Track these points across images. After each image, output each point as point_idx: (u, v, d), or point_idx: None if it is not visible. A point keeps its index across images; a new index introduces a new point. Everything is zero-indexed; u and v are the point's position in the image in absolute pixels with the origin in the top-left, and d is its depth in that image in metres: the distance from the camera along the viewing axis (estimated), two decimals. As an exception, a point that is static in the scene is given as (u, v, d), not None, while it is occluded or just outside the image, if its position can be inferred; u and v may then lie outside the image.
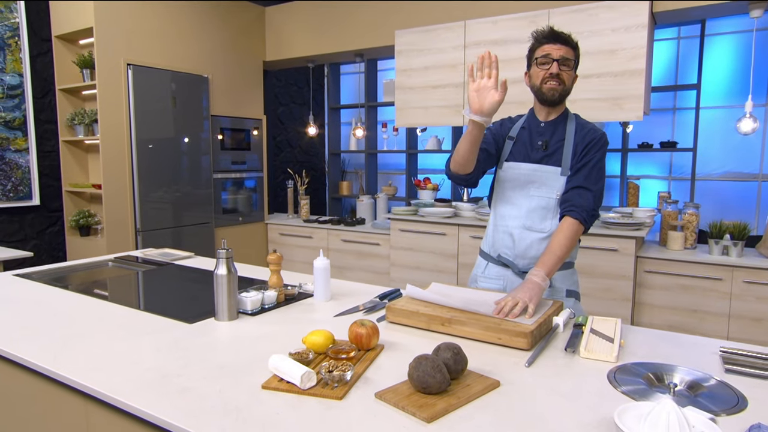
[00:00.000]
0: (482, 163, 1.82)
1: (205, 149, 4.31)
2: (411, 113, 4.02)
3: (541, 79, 1.75)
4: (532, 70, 1.80)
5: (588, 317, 1.56)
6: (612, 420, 1.02)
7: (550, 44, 1.74)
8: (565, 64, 1.73)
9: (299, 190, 5.01)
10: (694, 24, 3.82)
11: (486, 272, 1.92)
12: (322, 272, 1.85)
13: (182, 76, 4.09)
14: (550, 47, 1.74)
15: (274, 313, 1.72)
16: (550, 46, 1.74)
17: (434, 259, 3.89)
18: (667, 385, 1.20)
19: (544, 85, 1.75)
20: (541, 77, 1.75)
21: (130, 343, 1.44)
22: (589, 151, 1.75)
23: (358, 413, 1.06)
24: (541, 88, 1.76)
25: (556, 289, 1.81)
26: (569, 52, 1.74)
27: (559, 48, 1.73)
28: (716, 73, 4.11)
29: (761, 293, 2.89)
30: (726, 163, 4.14)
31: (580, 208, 1.70)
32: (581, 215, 1.70)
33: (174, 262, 2.48)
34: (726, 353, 1.35)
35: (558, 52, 1.72)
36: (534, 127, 1.84)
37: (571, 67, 1.76)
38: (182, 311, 1.73)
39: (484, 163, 1.83)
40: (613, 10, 3.14)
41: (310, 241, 4.60)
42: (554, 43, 1.74)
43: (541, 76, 1.75)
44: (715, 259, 3.01)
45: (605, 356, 1.33)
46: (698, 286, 3.04)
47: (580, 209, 1.70)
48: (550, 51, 1.73)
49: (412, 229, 3.97)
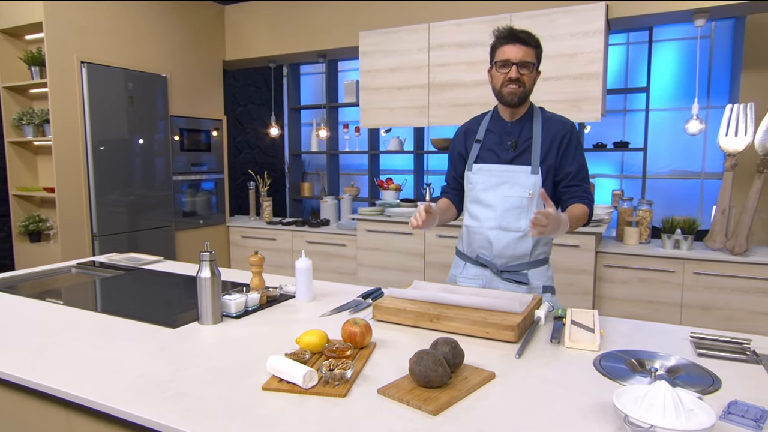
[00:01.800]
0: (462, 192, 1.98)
1: (164, 150, 4.18)
2: (376, 114, 4.04)
3: (501, 82, 1.77)
4: (493, 72, 1.81)
5: (567, 309, 1.63)
6: (607, 404, 1.08)
7: (510, 45, 1.74)
8: (525, 67, 1.74)
9: (261, 192, 4.94)
10: (642, 30, 4.03)
11: (465, 272, 1.95)
12: (305, 273, 1.85)
13: (139, 74, 3.96)
14: (509, 49, 1.74)
15: (258, 315, 1.71)
16: (510, 48, 1.74)
17: (401, 258, 3.93)
18: (649, 370, 1.28)
19: (504, 88, 1.77)
20: (501, 81, 1.77)
21: (113, 350, 1.39)
22: (568, 147, 1.81)
23: (364, 410, 1.07)
24: (501, 92, 1.79)
25: (533, 286, 1.86)
26: (528, 53, 1.74)
27: (518, 50, 1.73)
28: (663, 77, 4.35)
29: (709, 283, 3.08)
30: (672, 162, 4.39)
31: (587, 201, 1.81)
32: (590, 206, 1.81)
33: (143, 266, 2.40)
34: (696, 338, 1.44)
35: (517, 55, 1.73)
36: (501, 128, 1.87)
37: (531, 69, 1.76)
38: (163, 316, 1.69)
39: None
40: (571, 15, 3.27)
41: (273, 243, 4.54)
42: (513, 44, 1.74)
43: (501, 79, 1.77)
44: (668, 253, 3.19)
45: (588, 345, 1.40)
46: (653, 279, 3.21)
47: (588, 201, 1.81)
48: (509, 55, 1.74)
49: (378, 229, 3.99)
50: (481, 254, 1.91)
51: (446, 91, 3.74)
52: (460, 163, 1.97)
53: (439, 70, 3.74)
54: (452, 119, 3.76)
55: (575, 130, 1.84)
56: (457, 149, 1.97)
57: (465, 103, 3.69)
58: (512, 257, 1.86)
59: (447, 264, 3.73)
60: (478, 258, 1.92)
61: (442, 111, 3.78)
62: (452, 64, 3.69)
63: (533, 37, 1.77)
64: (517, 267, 1.87)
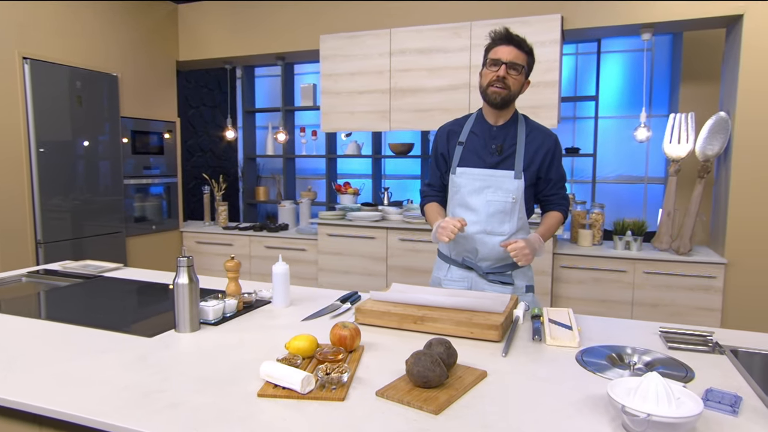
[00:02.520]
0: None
1: (115, 153, 4.00)
2: (337, 118, 4.03)
3: (488, 81, 1.81)
4: (483, 70, 1.84)
5: (543, 308, 1.69)
6: (596, 396, 1.13)
7: (503, 46, 1.78)
8: (514, 68, 1.77)
9: (216, 196, 4.81)
10: (591, 42, 4.23)
11: (449, 275, 1.97)
12: (282, 278, 1.82)
13: (88, 73, 3.78)
14: (502, 49, 1.78)
15: (236, 321, 1.67)
16: (502, 48, 1.78)
17: (363, 262, 3.93)
18: (627, 363, 1.35)
19: (490, 87, 1.80)
20: (488, 79, 1.80)
21: (89, 363, 1.32)
22: (553, 159, 1.89)
23: (366, 412, 1.07)
24: (486, 90, 1.82)
25: (517, 287, 1.90)
26: (520, 56, 1.78)
27: (510, 51, 1.77)
28: (608, 86, 4.58)
29: (657, 282, 3.27)
30: (619, 168, 4.62)
31: (564, 206, 1.93)
32: (565, 212, 1.93)
33: (103, 274, 2.29)
34: (665, 333, 1.53)
35: (508, 56, 1.77)
36: (485, 131, 1.90)
37: (520, 72, 1.79)
38: (136, 325, 1.62)
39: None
40: (529, 26, 3.39)
41: (230, 248, 4.43)
42: (507, 45, 1.77)
43: (489, 78, 1.80)
44: (620, 254, 3.36)
45: (569, 342, 1.45)
46: (606, 278, 3.37)
47: (563, 207, 1.93)
48: (500, 55, 1.77)
49: (340, 233, 3.98)
50: (466, 257, 1.93)
51: (408, 96, 3.79)
52: (442, 165, 1.99)
53: (401, 75, 3.79)
54: (414, 124, 3.81)
55: (559, 143, 1.92)
56: (440, 150, 1.99)
57: (427, 109, 3.74)
58: (497, 260, 1.89)
59: (409, 268, 3.77)
60: (464, 261, 1.94)
61: (404, 116, 3.82)
62: (414, 69, 3.74)
63: (527, 43, 1.81)
64: (501, 269, 1.91)
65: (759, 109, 3.04)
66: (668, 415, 0.93)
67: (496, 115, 1.89)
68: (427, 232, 3.72)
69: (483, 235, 1.87)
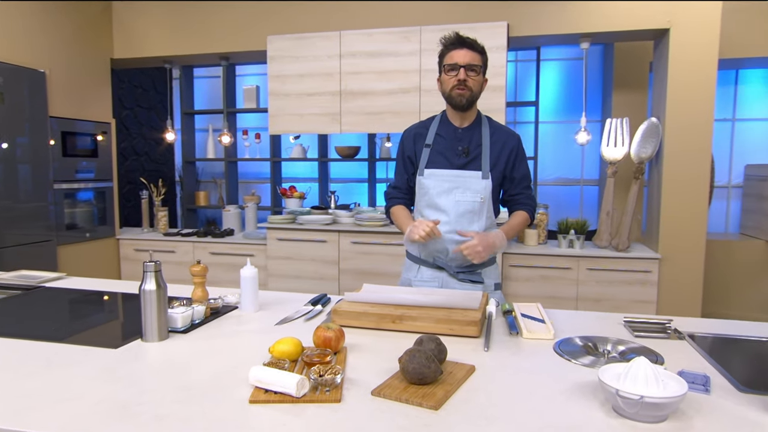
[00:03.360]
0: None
1: (43, 155, 3.72)
2: (286, 120, 3.96)
3: (450, 86, 1.86)
4: (442, 77, 1.89)
5: (513, 304, 1.74)
6: (582, 383, 1.18)
7: (457, 50, 1.84)
8: (472, 70, 1.83)
9: (155, 202, 4.59)
10: (531, 49, 4.42)
11: (420, 275, 1.98)
12: (251, 282, 1.77)
13: (12, 69, 3.48)
14: (457, 54, 1.83)
15: (205, 328, 1.59)
16: (457, 52, 1.83)
17: (315, 266, 3.88)
18: (602, 351, 1.41)
19: (453, 91, 1.85)
20: (450, 84, 1.86)
21: (53, 379, 1.22)
22: (517, 158, 1.94)
23: (366, 412, 1.05)
24: (450, 95, 1.87)
25: (486, 285, 1.95)
26: (476, 57, 1.84)
27: (465, 53, 1.83)
28: (545, 93, 4.79)
29: (600, 278, 3.45)
30: (557, 170, 4.85)
31: (530, 206, 1.96)
32: (531, 212, 1.96)
33: (44, 284, 2.11)
34: (629, 322, 1.62)
35: (464, 59, 1.82)
36: (451, 133, 1.95)
37: (479, 72, 1.86)
38: (95, 336, 1.51)
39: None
40: (477, 32, 3.44)
41: (173, 256, 4.24)
42: (461, 49, 1.83)
43: (450, 83, 1.85)
44: (564, 252, 3.52)
45: (544, 335, 1.50)
46: (553, 276, 3.52)
47: (530, 207, 1.96)
48: (457, 59, 1.83)
49: (291, 237, 3.91)
50: (437, 257, 1.95)
51: (358, 98, 3.79)
52: (410, 167, 2.01)
53: (351, 77, 3.78)
54: (365, 127, 3.81)
55: (521, 142, 1.98)
56: (407, 153, 2.01)
57: (378, 112, 3.76)
58: (467, 258, 1.92)
59: (363, 271, 3.76)
60: (435, 261, 1.96)
61: (355, 118, 3.81)
62: (364, 72, 3.75)
63: (479, 44, 1.88)
64: (471, 267, 1.94)
65: (686, 116, 3.29)
66: (659, 395, 0.98)
67: (461, 117, 1.94)
68: (380, 235, 3.73)
69: (453, 235, 1.90)
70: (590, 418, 1.04)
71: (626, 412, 1.02)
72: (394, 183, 2.09)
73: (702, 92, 3.25)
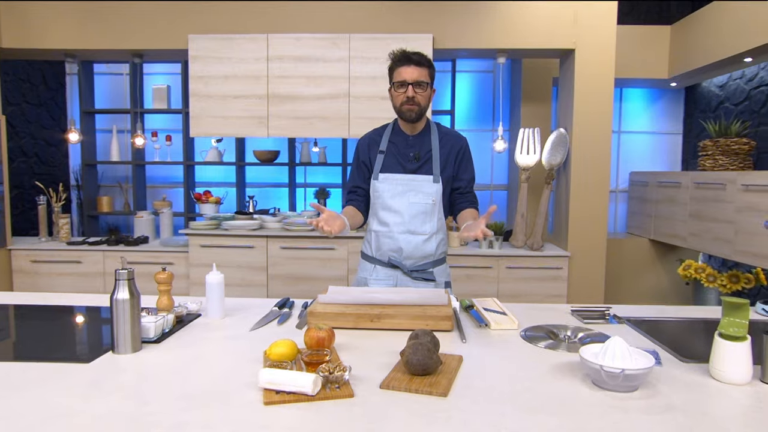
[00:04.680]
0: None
1: None
2: (209, 122, 3.83)
3: (399, 102, 1.97)
4: (392, 91, 2.00)
5: (472, 299, 1.87)
6: (561, 363, 1.33)
7: (405, 67, 1.94)
8: (420, 86, 1.94)
9: (54, 208, 4.19)
10: (446, 61, 4.67)
11: (375, 275, 2.06)
12: (217, 288, 1.73)
13: None
14: (405, 71, 1.94)
15: (176, 337, 1.53)
16: (405, 70, 1.94)
17: (242, 273, 3.78)
18: (562, 337, 1.58)
19: (403, 107, 1.97)
20: (399, 101, 1.97)
21: (35, 396, 1.12)
22: (463, 160, 2.07)
23: (381, 404, 1.10)
24: (401, 110, 1.99)
25: (438, 282, 2.06)
26: (423, 73, 1.95)
27: (413, 71, 1.93)
28: (458, 103, 5.08)
29: (517, 275, 3.74)
30: (470, 176, 5.14)
31: (476, 205, 2.09)
32: (477, 209, 2.08)
33: (-39, 300, 1.88)
34: (576, 311, 1.81)
35: (412, 76, 1.93)
36: (402, 141, 2.06)
37: (426, 89, 1.97)
38: (55, 353, 1.40)
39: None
40: (404, 42, 3.59)
41: (79, 267, 3.90)
42: (408, 66, 1.93)
43: (400, 99, 1.96)
44: (485, 252, 3.77)
45: (510, 325, 1.65)
46: (475, 275, 3.75)
47: (475, 205, 2.09)
48: (405, 76, 1.93)
49: (215, 244, 3.78)
50: (392, 257, 2.04)
51: (286, 103, 3.77)
52: (365, 171, 2.08)
53: (279, 81, 3.75)
54: (293, 131, 3.79)
55: (468, 145, 2.12)
56: (362, 158, 2.09)
57: (306, 116, 3.76)
58: (420, 257, 2.04)
59: (293, 276, 3.74)
60: (390, 260, 2.04)
61: (283, 122, 3.78)
62: (292, 76, 3.74)
63: (426, 58, 1.98)
64: (424, 266, 2.05)
65: (590, 127, 3.69)
66: (637, 367, 1.15)
67: (411, 126, 2.06)
68: (310, 239, 3.73)
69: (407, 234, 2.00)
70: (577, 391, 1.18)
71: (608, 385, 1.17)
72: (349, 187, 2.16)
73: (603, 106, 3.67)
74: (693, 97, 4.79)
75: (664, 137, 4.99)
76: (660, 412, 1.08)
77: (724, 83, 4.35)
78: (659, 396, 1.16)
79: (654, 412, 1.08)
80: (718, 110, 4.39)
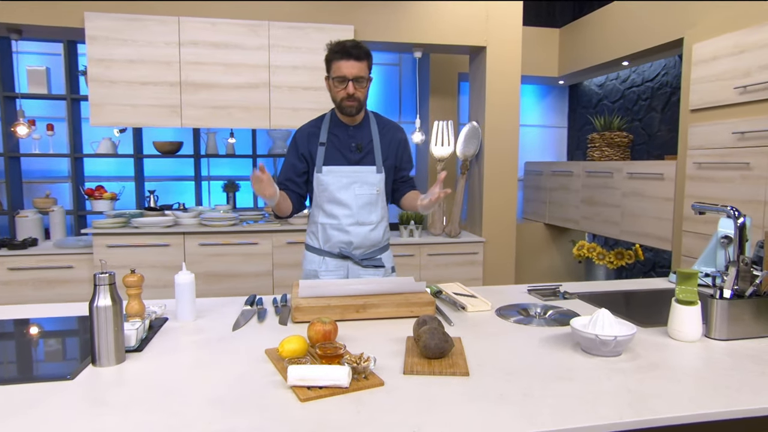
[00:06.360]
0: (303, 188, 2.09)
1: None
2: (112, 110, 3.48)
3: (339, 97, 1.96)
4: (330, 84, 1.97)
5: (439, 285, 1.96)
6: (546, 336, 1.46)
7: (344, 61, 1.90)
8: (359, 82, 1.93)
9: None
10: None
11: (324, 266, 2.06)
12: (188, 288, 1.63)
13: None
14: (344, 65, 1.90)
15: (155, 344, 1.42)
16: (345, 64, 1.90)
17: (156, 273, 3.51)
18: (533, 314, 1.72)
19: (343, 103, 1.96)
20: (339, 96, 1.95)
21: (35, 418, 0.99)
22: (405, 150, 2.15)
23: (416, 388, 1.14)
24: (341, 105, 1.98)
25: (386, 268, 2.13)
26: (362, 68, 1.93)
27: (352, 66, 1.90)
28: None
29: (438, 262, 3.92)
30: (381, 167, 5.25)
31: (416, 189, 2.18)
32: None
33: None
34: (533, 290, 1.98)
35: (352, 71, 1.91)
36: (343, 132, 2.05)
37: (365, 83, 1.97)
38: (28, 372, 1.23)
39: (304, 186, 2.09)
40: (324, 32, 3.60)
41: (-49, 276, 3.35)
42: (347, 60, 1.90)
43: (340, 95, 1.95)
44: (407, 240, 3.90)
45: (484, 307, 1.76)
46: (399, 263, 3.85)
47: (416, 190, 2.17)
48: (345, 71, 1.90)
49: (125, 243, 3.47)
50: (342, 248, 2.05)
51: (202, 91, 3.55)
52: (303, 164, 2.06)
53: (193, 68, 3.52)
54: (209, 122, 3.59)
55: (406, 134, 2.19)
56: (301, 151, 2.05)
57: (225, 106, 3.58)
58: (369, 246, 2.08)
59: (214, 273, 3.57)
60: (340, 251, 2.04)
61: (199, 112, 3.56)
62: (208, 63, 3.53)
63: (364, 50, 1.94)
64: (372, 254, 2.09)
65: (501, 120, 3.96)
66: (626, 333, 1.30)
67: (351, 117, 2.04)
68: (230, 235, 3.58)
69: (356, 226, 2.04)
70: (573, 358, 1.31)
71: (600, 351, 1.32)
72: (281, 179, 2.10)
73: (511, 100, 3.96)
74: (576, 94, 5.34)
75: (551, 130, 5.51)
76: (650, 371, 1.24)
77: (602, 83, 4.91)
78: (641, 358, 1.33)
79: (645, 371, 1.24)
80: (599, 106, 4.95)
